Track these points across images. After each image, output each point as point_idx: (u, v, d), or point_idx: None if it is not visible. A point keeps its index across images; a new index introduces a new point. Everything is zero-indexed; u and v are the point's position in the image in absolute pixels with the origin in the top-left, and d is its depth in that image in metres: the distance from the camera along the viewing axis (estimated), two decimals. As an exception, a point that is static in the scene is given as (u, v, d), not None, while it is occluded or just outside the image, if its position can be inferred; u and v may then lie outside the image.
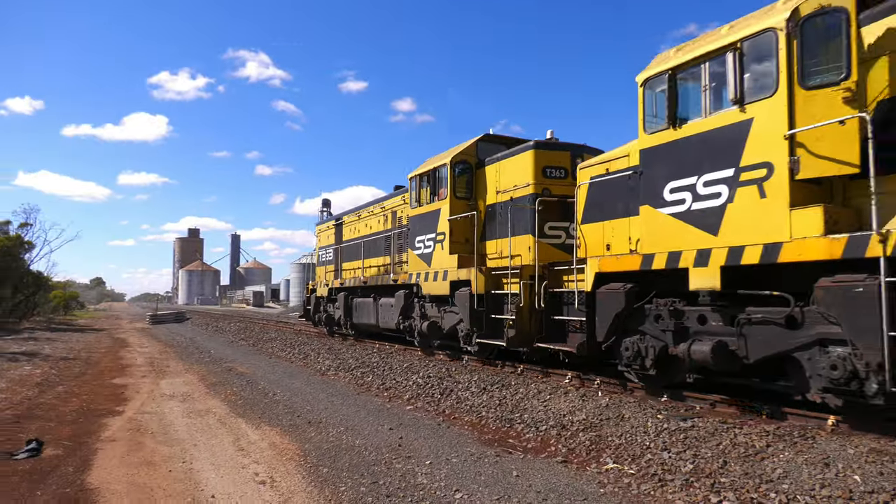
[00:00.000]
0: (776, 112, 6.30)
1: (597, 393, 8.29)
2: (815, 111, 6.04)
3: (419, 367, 11.43)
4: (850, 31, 5.89)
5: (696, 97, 7.27)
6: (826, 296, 5.86)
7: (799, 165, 6.09)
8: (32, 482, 5.53)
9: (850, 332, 5.66)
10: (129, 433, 7.56)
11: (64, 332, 28.84)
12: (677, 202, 7.35)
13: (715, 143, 6.91)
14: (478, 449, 6.51)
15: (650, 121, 7.84)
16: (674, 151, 7.42)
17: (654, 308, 7.74)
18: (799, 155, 6.12)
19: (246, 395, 10.16)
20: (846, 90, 5.91)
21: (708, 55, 7.09)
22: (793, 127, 6.16)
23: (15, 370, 13.60)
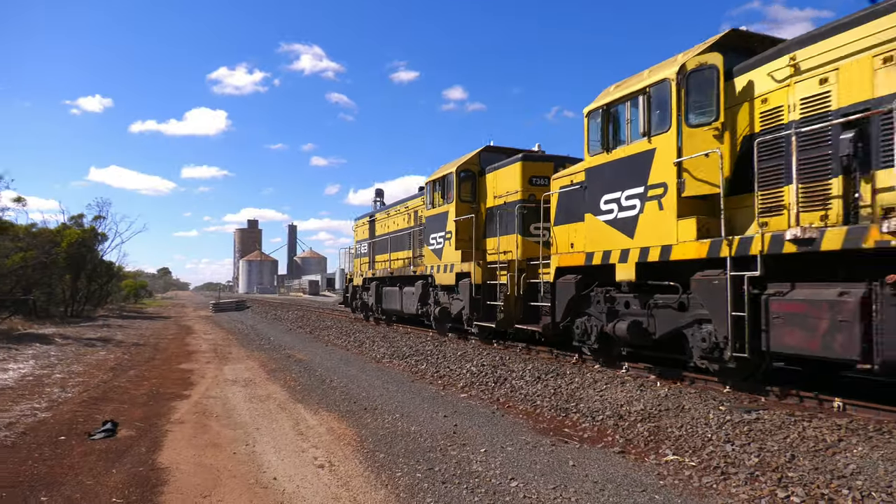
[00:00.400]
0: (669, 144, 8.04)
1: (655, 383, 8.11)
2: (696, 145, 7.73)
3: (473, 355, 11.46)
4: (720, 84, 7.56)
5: (621, 128, 9.11)
6: (698, 286, 7.66)
7: (684, 186, 7.84)
8: (108, 461, 5.85)
9: (711, 314, 7.43)
10: (196, 416, 7.89)
11: (134, 320, 30.34)
12: (608, 211, 9.25)
13: (632, 165, 8.72)
14: (533, 438, 6.48)
15: (592, 145, 9.65)
16: (607, 171, 9.31)
17: (595, 295, 9.69)
18: (684, 178, 7.85)
19: (304, 382, 10.43)
20: (715, 129, 7.61)
21: (629, 95, 8.85)
22: (680, 156, 7.87)
23: (91, 355, 14.40)
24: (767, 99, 7.31)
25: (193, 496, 4.90)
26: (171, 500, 4.82)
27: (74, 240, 25.60)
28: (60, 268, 25.50)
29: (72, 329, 21.81)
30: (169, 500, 4.80)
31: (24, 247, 21.34)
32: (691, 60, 7.84)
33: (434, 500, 4.74)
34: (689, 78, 7.85)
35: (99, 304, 37.14)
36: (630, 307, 9.04)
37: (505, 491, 4.90)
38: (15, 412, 7.87)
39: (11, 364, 12.21)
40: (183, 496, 4.90)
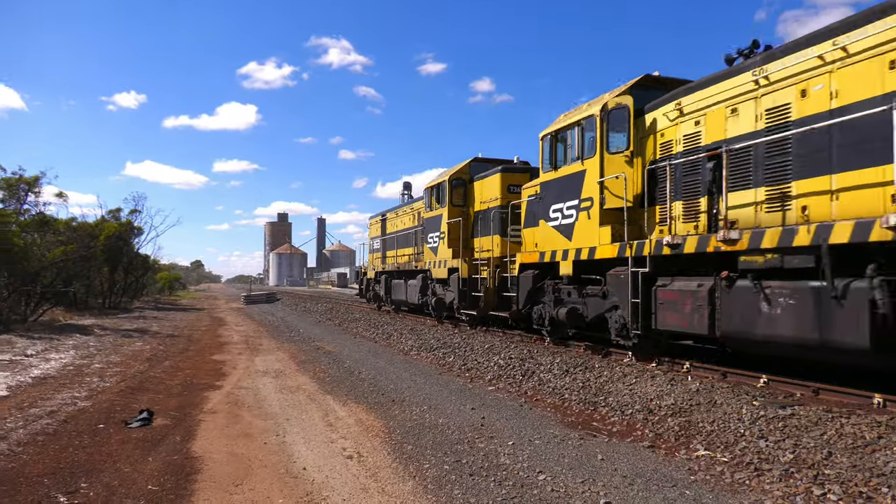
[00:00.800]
0: (595, 166, 9.97)
1: (686, 377, 7.98)
2: (613, 168, 9.72)
3: (500, 348, 11.44)
4: (630, 120, 9.50)
5: (564, 151, 11.10)
6: (610, 279, 9.63)
7: (604, 201, 9.77)
8: (145, 449, 6.01)
9: (620, 301, 9.36)
10: (228, 406, 8.04)
11: (169, 311, 31.03)
12: (555, 218, 11.25)
13: (571, 182, 10.69)
14: (561, 431, 6.45)
15: (545, 163, 11.63)
16: (554, 185, 11.31)
17: (546, 287, 11.59)
18: (605, 194, 9.77)
19: (333, 373, 10.55)
20: (626, 156, 9.59)
21: (569, 125, 10.78)
22: (602, 176, 9.79)
23: (128, 346, 14.79)
24: (664, 133, 9.14)
25: (226, 485, 5.00)
26: (204, 488, 4.93)
27: (112, 233, 26.27)
28: (99, 261, 26.21)
29: (109, 320, 22.43)
30: (202, 489, 4.91)
31: (65, 240, 21.98)
32: (611, 101, 9.80)
33: (462, 492, 4.75)
34: (609, 114, 9.80)
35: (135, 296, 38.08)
36: (571, 296, 10.96)
37: (532, 484, 4.88)
38: (57, 400, 8.13)
39: (53, 354, 12.61)
40: (216, 484, 5.01)
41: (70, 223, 25.12)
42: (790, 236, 6.54)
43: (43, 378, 9.90)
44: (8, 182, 19.67)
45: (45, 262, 19.45)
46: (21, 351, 12.65)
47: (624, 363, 9.15)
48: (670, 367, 8.73)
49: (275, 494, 4.79)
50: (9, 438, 6.27)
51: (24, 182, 20.09)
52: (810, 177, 6.78)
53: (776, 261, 6.79)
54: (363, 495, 4.77)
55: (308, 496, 4.75)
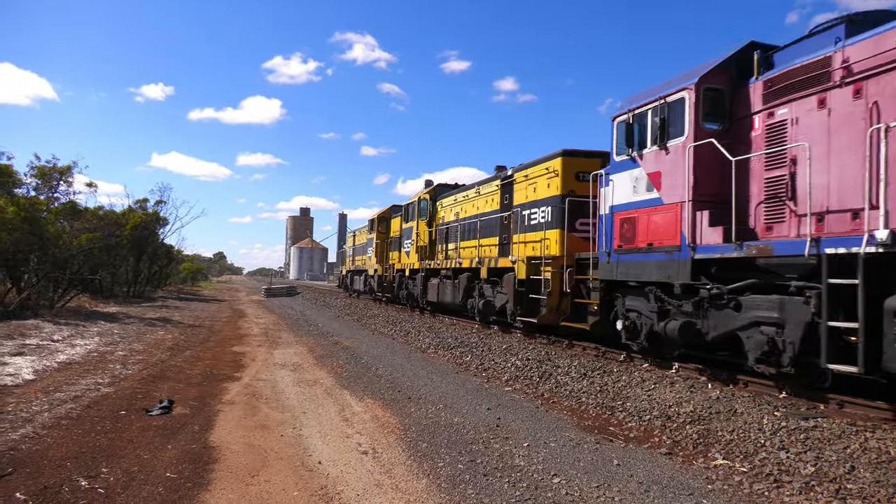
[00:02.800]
0: (423, 227, 20.48)
1: (706, 385, 7.87)
2: (422, 230, 20.15)
3: (518, 349, 11.40)
4: (430, 205, 19.08)
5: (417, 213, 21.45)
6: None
7: (419, 241, 19.53)
8: (164, 437, 6.10)
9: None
10: (246, 398, 8.13)
11: (191, 302, 31.47)
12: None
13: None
14: (577, 435, 6.41)
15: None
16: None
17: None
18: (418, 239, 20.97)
19: (350, 368, 10.60)
20: (426, 223, 17.67)
21: (410, 204, 21.68)
22: (417, 230, 20.65)
23: (151, 334, 15.03)
24: (441, 212, 18.44)
25: (242, 475, 5.05)
26: (221, 477, 4.99)
27: (138, 223, 26.73)
28: (124, 249, 26.69)
29: (133, 308, 22.82)
30: (219, 478, 4.97)
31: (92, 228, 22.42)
32: (423, 195, 19.29)
33: (475, 491, 4.74)
34: (421, 202, 19.66)
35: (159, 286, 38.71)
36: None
37: (547, 487, 4.86)
38: (81, 386, 8.29)
39: (79, 340, 12.87)
40: (232, 474, 5.06)
41: (97, 211, 25.62)
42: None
43: (68, 363, 10.11)
44: (42, 171, 20.11)
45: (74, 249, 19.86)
46: (48, 336, 12.93)
47: (643, 368, 9.05)
48: (689, 374, 8.62)
49: (290, 487, 4.83)
50: (34, 421, 6.42)
51: (56, 171, 20.52)
52: (483, 238, 15.99)
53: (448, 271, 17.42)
54: (377, 491, 4.78)
55: (322, 490, 4.78)
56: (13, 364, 9.55)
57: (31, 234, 16.46)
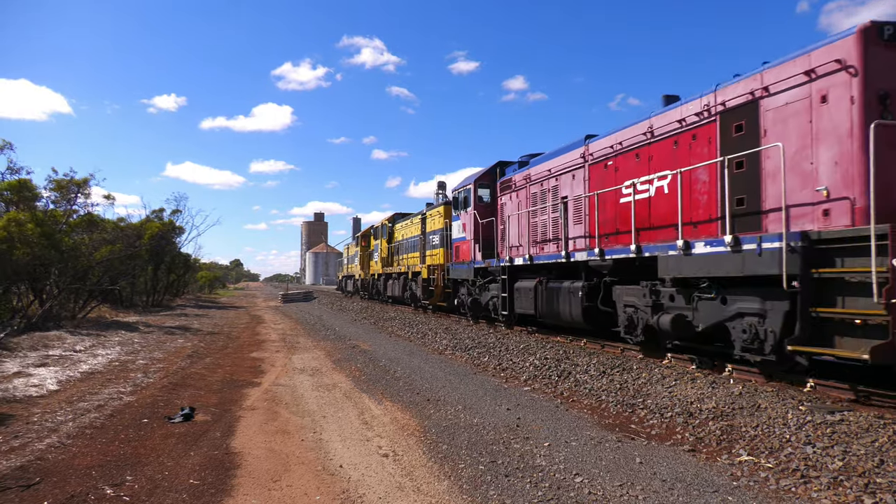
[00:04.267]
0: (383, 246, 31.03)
1: (728, 380, 7.77)
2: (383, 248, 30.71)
3: (535, 348, 11.35)
4: (389, 230, 29.86)
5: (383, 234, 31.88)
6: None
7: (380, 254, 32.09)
8: (186, 444, 6.15)
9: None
10: (266, 403, 8.18)
11: (209, 309, 31.76)
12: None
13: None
14: (598, 433, 6.36)
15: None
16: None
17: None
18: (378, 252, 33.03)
19: (369, 372, 10.63)
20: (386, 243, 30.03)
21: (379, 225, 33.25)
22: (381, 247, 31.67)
23: (171, 343, 15.19)
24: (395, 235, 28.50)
25: (264, 480, 5.08)
26: (243, 483, 5.02)
27: (155, 233, 27.03)
28: (143, 259, 27.02)
29: (153, 317, 23.08)
30: (242, 484, 5.00)
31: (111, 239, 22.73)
32: (384, 222, 30.26)
33: (497, 492, 4.73)
34: (383, 227, 30.24)
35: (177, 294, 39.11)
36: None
37: (569, 486, 4.83)
38: (104, 395, 8.40)
39: (100, 350, 13.04)
40: (254, 480, 5.09)
41: (118, 224, 25.97)
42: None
43: (90, 373, 10.25)
44: (59, 184, 20.42)
45: (93, 261, 20.13)
46: (70, 347, 13.11)
47: (663, 365, 8.97)
48: (711, 369, 8.52)
49: (312, 491, 4.85)
50: (59, 431, 6.50)
51: (74, 184, 20.83)
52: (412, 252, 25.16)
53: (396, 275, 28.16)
54: (399, 494, 4.78)
55: (344, 493, 4.79)
56: (37, 375, 9.70)
57: (49, 248, 16.71)
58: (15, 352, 11.82)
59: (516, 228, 14.62)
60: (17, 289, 17.72)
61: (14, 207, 17.28)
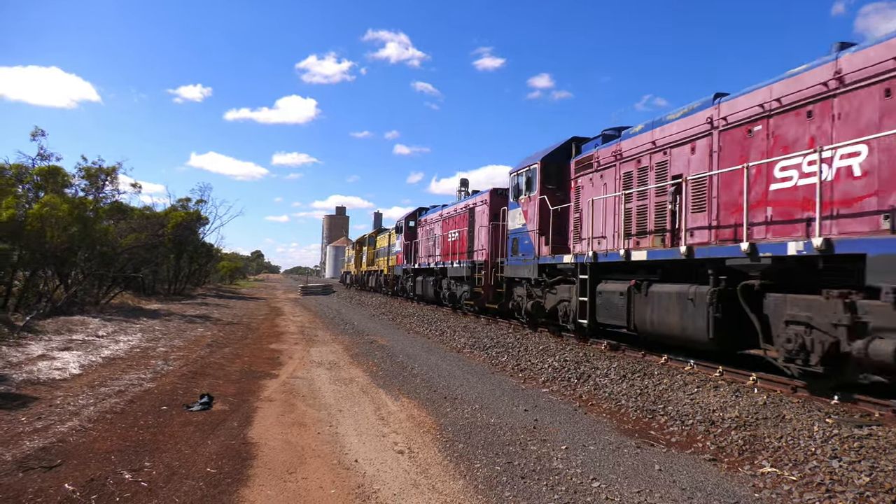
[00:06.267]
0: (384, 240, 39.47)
1: (752, 389, 7.64)
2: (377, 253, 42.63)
3: (555, 350, 11.28)
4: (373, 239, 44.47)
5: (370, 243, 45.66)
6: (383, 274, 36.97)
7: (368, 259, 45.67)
8: (204, 432, 6.23)
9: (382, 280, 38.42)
10: (284, 395, 8.25)
11: (229, 299, 32.14)
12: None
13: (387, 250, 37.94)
14: (616, 438, 6.30)
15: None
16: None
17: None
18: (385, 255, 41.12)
19: (386, 367, 10.66)
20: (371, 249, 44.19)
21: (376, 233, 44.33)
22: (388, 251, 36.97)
23: (191, 331, 15.40)
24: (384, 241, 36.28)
25: (280, 472, 5.12)
26: (259, 473, 5.07)
27: (179, 222, 27.43)
28: (166, 248, 27.43)
29: (174, 306, 23.43)
30: (258, 474, 5.05)
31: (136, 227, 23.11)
32: (371, 234, 44.36)
33: (513, 494, 4.70)
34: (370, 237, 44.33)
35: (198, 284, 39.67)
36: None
37: (586, 491, 4.78)
38: (125, 381, 8.54)
39: (122, 336, 13.27)
40: (270, 471, 5.14)
41: (144, 212, 26.39)
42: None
43: (112, 359, 10.43)
44: (89, 171, 20.80)
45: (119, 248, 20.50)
46: (93, 332, 13.37)
47: (685, 371, 8.85)
48: (735, 377, 8.38)
49: (327, 484, 4.88)
50: (80, 415, 6.63)
51: (103, 172, 21.21)
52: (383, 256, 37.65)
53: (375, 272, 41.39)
54: (413, 491, 4.79)
55: (359, 488, 4.81)
56: (61, 358, 9.91)
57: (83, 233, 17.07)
58: (40, 335, 12.09)
59: (601, 217, 11.76)
60: (44, 273, 18.11)
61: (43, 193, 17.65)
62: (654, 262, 9.92)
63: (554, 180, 13.90)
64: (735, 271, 8.05)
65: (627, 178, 11.07)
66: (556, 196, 13.71)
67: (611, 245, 11.42)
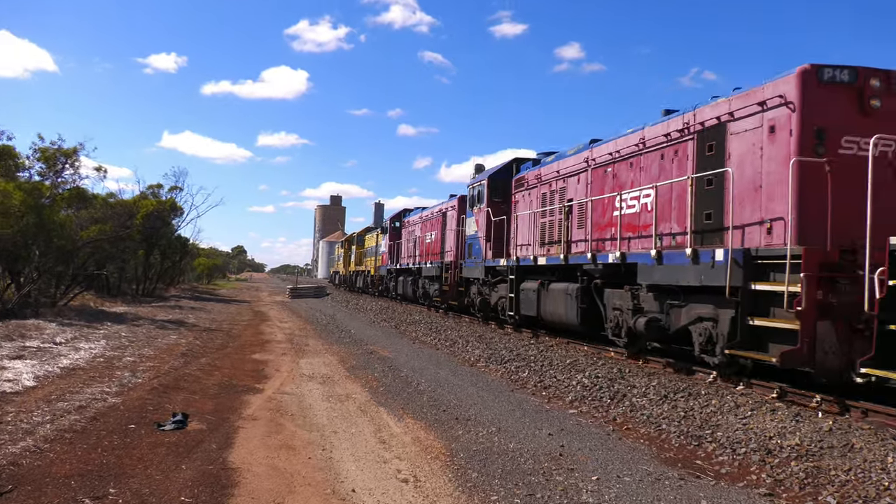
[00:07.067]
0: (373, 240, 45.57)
1: (815, 413, 7.60)
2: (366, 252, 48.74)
3: (585, 364, 11.27)
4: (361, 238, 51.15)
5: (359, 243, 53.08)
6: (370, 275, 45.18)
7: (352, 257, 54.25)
8: (178, 455, 6.28)
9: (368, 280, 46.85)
10: (269, 413, 8.30)
11: (207, 302, 32.37)
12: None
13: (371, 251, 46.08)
14: (656, 468, 6.28)
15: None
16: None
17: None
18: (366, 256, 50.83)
19: (388, 382, 10.70)
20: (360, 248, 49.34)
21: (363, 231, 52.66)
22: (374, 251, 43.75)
23: (163, 338, 15.53)
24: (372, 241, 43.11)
25: (266, 502, 5.15)
26: (241, 504, 5.10)
27: (150, 211, 27.60)
28: (135, 242, 27.56)
29: (143, 308, 23.63)
30: (239, 504, 5.08)
31: (100, 217, 23.23)
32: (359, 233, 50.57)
33: (535, 532, 4.70)
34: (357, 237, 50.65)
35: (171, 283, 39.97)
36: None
37: (621, 530, 4.77)
38: (86, 395, 8.63)
39: (83, 343, 13.40)
40: (254, 501, 5.17)
41: (109, 200, 26.53)
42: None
43: (72, 369, 10.54)
44: (45, 153, 20.97)
45: (79, 241, 20.64)
46: (50, 338, 13.51)
47: (737, 391, 8.82)
48: (795, 399, 8.34)
49: (319, 518, 4.90)
50: (35, 434, 6.70)
51: (62, 154, 21.36)
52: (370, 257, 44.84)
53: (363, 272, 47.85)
54: (419, 527, 4.80)
55: (356, 523, 4.83)
56: (12, 369, 10.01)
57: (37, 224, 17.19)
58: (-10, 341, 12.22)
59: (527, 228, 16.75)
60: (-7, 270, 18.30)
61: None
62: (551, 266, 14.97)
63: (500, 194, 18.86)
64: (591, 273, 13.14)
65: (544, 198, 15.93)
66: (501, 208, 18.54)
67: (531, 252, 16.14)
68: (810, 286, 7.64)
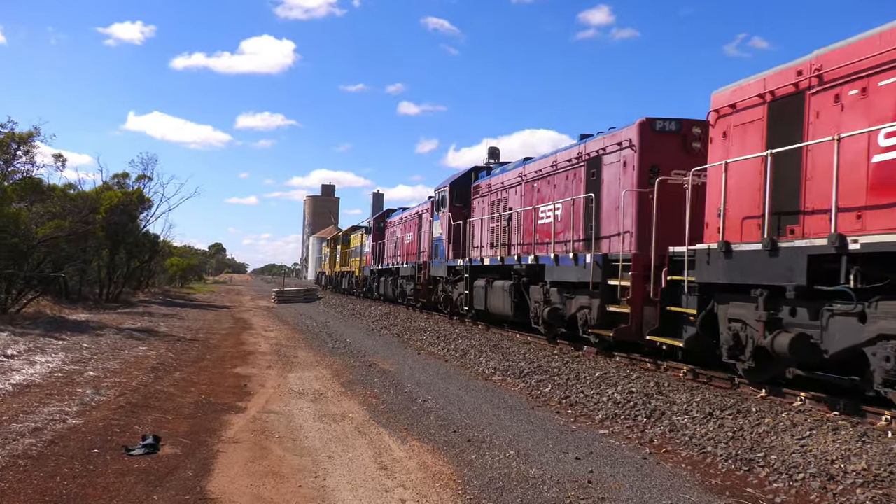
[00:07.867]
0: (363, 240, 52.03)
1: (884, 433, 7.57)
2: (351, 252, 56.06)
3: (616, 378, 11.28)
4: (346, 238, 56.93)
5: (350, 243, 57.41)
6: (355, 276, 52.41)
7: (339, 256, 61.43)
8: (149, 484, 6.31)
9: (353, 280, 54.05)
10: (254, 435, 8.34)
11: (180, 308, 32.53)
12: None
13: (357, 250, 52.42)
14: (700, 496, 6.28)
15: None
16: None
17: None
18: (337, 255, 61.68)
19: (389, 400, 10.73)
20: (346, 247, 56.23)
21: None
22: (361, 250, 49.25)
23: (130, 350, 15.62)
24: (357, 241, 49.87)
25: (249, 537, 5.18)
26: (222, 539, 5.13)
27: (115, 204, 27.66)
28: (98, 240, 27.61)
29: (107, 316, 23.77)
30: (219, 540, 5.11)
31: (58, 212, 23.28)
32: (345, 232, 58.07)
33: (560, 571, 4.71)
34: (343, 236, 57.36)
35: (139, 287, 40.12)
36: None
37: (659, 568, 4.78)
38: (42, 415, 8.68)
39: (39, 356, 13.49)
40: (236, 536, 5.19)
41: (68, 192, 26.56)
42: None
43: (26, 386, 10.61)
44: (-8, 137, 21.06)
45: (33, 239, 20.72)
46: (0, 350, 13.59)
47: (793, 408, 8.80)
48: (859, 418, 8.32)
49: (311, 555, 4.92)
50: (-14, 459, 6.75)
51: (14, 139, 21.43)
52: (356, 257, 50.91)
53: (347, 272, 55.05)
54: (426, 565, 4.81)
55: (354, 561, 4.85)
56: (-39, 385, 10.08)
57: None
58: (-67, 354, 12.32)
59: (479, 232, 22.12)
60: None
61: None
62: (493, 266, 20.11)
63: (461, 199, 24.13)
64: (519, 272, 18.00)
65: (493, 206, 21.08)
66: (463, 213, 23.63)
67: (483, 253, 21.37)
68: (636, 282, 12.45)
